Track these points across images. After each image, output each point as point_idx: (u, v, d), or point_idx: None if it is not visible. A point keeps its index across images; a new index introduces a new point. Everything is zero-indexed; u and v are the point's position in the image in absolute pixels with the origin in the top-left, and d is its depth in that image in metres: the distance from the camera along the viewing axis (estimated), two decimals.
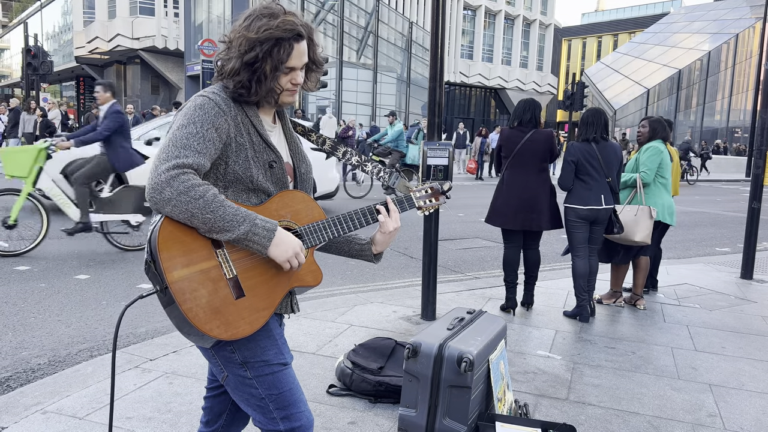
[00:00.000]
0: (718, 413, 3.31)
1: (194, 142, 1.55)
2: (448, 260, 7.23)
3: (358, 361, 3.36)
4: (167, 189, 1.48)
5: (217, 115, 1.61)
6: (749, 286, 6.39)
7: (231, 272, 1.58)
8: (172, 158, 1.52)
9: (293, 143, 1.87)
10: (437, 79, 4.54)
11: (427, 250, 4.67)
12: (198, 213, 1.50)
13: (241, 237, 1.54)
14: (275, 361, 1.70)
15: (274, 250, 1.58)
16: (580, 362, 3.98)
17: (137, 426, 2.84)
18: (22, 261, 6.11)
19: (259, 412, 1.72)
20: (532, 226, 4.82)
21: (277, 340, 1.74)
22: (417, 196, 1.92)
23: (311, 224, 1.75)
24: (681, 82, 44.94)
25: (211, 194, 1.51)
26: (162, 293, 1.53)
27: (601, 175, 4.78)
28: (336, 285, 5.86)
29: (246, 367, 1.68)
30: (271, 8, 1.67)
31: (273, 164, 1.71)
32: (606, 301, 5.41)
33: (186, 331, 1.57)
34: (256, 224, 1.55)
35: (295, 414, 1.72)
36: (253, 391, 1.70)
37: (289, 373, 1.74)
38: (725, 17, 46.35)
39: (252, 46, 1.63)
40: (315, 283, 1.76)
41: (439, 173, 4.52)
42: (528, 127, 4.88)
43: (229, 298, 1.56)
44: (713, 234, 10.54)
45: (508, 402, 3.00)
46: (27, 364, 3.74)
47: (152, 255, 1.53)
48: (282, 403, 1.71)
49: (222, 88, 1.69)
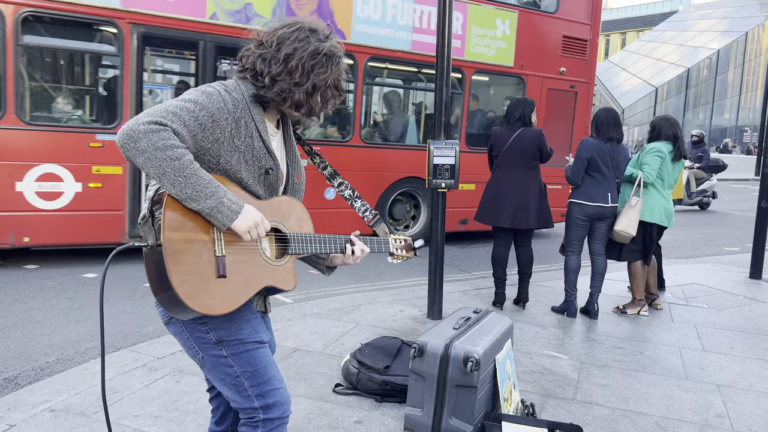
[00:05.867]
0: (726, 414, 3.29)
1: (186, 115, 1.55)
2: (455, 259, 7.22)
3: (364, 360, 3.36)
4: (144, 139, 1.47)
5: (221, 110, 1.61)
6: (758, 285, 6.35)
7: (221, 251, 1.60)
8: (158, 116, 1.51)
9: (291, 151, 1.91)
10: (444, 78, 4.53)
11: (433, 250, 4.67)
12: (170, 173, 1.49)
13: (205, 209, 1.54)
14: (250, 339, 1.73)
15: (234, 225, 1.59)
16: (587, 362, 3.97)
17: (144, 424, 2.85)
18: (30, 259, 6.15)
19: (234, 390, 1.74)
20: (521, 224, 4.87)
21: (252, 320, 1.76)
22: (394, 245, 2.07)
23: (299, 234, 1.80)
24: (690, 81, 44.67)
25: (187, 159, 1.51)
26: (152, 250, 1.54)
27: (611, 173, 4.81)
28: (342, 284, 5.86)
29: (221, 346, 1.70)
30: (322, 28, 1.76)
31: (270, 171, 1.74)
32: (630, 311, 5.14)
33: (164, 297, 1.57)
34: (222, 203, 1.55)
35: (269, 391, 1.74)
36: (228, 370, 1.72)
37: (264, 352, 1.76)
38: (734, 15, 46.02)
39: (314, 59, 1.69)
40: (287, 288, 1.79)
41: (445, 172, 4.52)
42: (517, 125, 4.91)
43: (211, 274, 1.58)
44: (722, 233, 10.47)
45: (514, 402, 3.00)
46: (35, 361, 3.77)
47: (152, 211, 1.55)
48: (257, 380, 1.73)
49: (239, 86, 1.70)
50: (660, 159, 4.94)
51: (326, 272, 2.06)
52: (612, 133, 4.84)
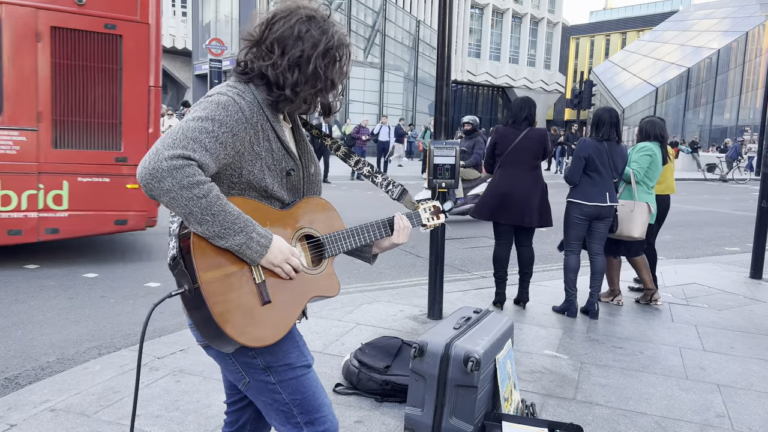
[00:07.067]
0: (726, 413, 3.29)
1: (206, 138, 1.45)
2: (455, 259, 7.23)
3: (364, 360, 3.36)
4: (168, 179, 1.38)
5: (239, 121, 1.51)
6: (758, 285, 6.35)
7: (260, 276, 1.54)
8: (179, 147, 1.41)
9: (303, 143, 1.80)
10: (444, 78, 4.54)
11: (434, 249, 4.67)
12: (197, 212, 1.41)
13: (233, 246, 1.47)
14: (298, 364, 1.66)
15: (264, 260, 1.53)
16: (587, 362, 3.97)
17: (145, 424, 2.85)
18: (31, 259, 6.15)
19: (282, 416, 1.67)
20: (524, 222, 4.90)
21: (298, 342, 1.70)
22: (423, 214, 1.96)
23: (332, 233, 1.72)
24: (690, 81, 44.68)
25: (214, 195, 1.43)
26: (190, 293, 1.46)
27: (609, 173, 4.82)
28: (343, 284, 5.84)
29: (269, 372, 1.63)
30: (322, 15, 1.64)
31: (291, 172, 1.65)
32: (604, 299, 5.45)
33: (211, 335, 1.51)
34: (251, 237, 1.49)
35: (319, 418, 1.68)
36: (277, 396, 1.65)
37: (312, 377, 1.69)
38: (735, 15, 46.02)
39: (326, 52, 1.60)
40: (333, 294, 1.72)
41: (446, 172, 4.52)
42: (523, 125, 4.96)
43: (256, 303, 1.52)
44: (722, 233, 10.47)
45: (514, 401, 3.00)
46: (36, 361, 3.77)
47: (182, 252, 1.48)
48: (306, 407, 1.66)
49: (247, 87, 1.59)
50: (649, 158, 5.09)
51: (372, 260, 1.93)
52: (611, 133, 4.86)
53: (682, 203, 14.02)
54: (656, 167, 5.13)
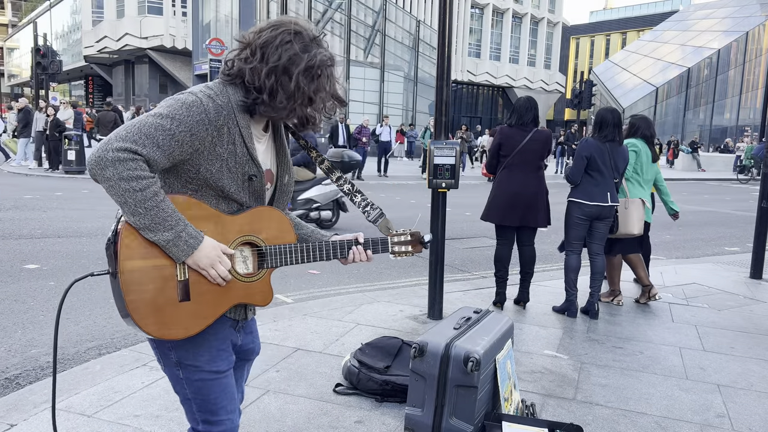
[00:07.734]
0: (726, 414, 3.29)
1: (160, 135, 1.52)
2: (455, 259, 7.23)
3: (364, 360, 3.37)
4: (110, 168, 1.47)
5: (200, 122, 1.57)
6: (759, 285, 6.35)
7: (183, 275, 1.59)
8: (129, 140, 1.49)
9: (282, 153, 1.85)
10: (444, 78, 4.53)
11: (433, 249, 4.67)
12: (131, 203, 1.48)
13: (160, 241, 1.53)
14: (206, 368, 1.71)
15: (190, 260, 1.58)
16: (587, 362, 3.97)
17: (145, 424, 2.85)
18: (31, 259, 6.16)
19: (187, 407, 1.78)
20: (530, 222, 4.91)
21: (213, 347, 1.72)
22: (394, 242, 1.94)
23: (277, 246, 1.75)
24: (690, 81, 44.70)
25: (151, 191, 1.50)
26: (112, 276, 1.56)
27: (610, 173, 4.82)
28: (343, 284, 5.86)
29: (179, 367, 1.71)
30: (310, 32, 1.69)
31: (253, 177, 1.69)
32: (604, 299, 5.46)
33: (124, 318, 1.59)
34: (179, 236, 1.54)
35: (215, 421, 1.76)
36: (182, 390, 1.75)
37: (217, 383, 1.74)
38: (735, 15, 46.04)
39: (311, 68, 1.64)
40: (263, 304, 1.76)
41: (446, 172, 4.52)
42: (530, 126, 4.94)
43: (174, 299, 1.58)
44: (722, 233, 10.47)
45: (515, 402, 3.00)
46: (36, 361, 3.77)
47: (115, 237, 1.55)
48: (205, 408, 1.74)
49: (225, 89, 1.64)
50: (635, 154, 5.14)
51: None
52: (614, 134, 4.86)
53: (682, 203, 14.00)
54: (643, 162, 5.18)
